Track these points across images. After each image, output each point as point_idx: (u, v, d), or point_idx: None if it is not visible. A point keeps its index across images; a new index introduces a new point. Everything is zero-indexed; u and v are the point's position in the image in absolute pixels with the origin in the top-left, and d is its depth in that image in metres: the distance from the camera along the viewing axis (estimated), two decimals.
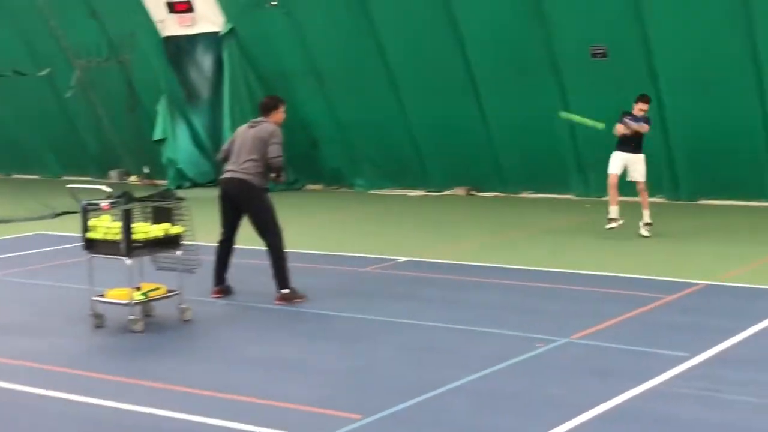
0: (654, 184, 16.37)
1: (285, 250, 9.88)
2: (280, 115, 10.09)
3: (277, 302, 9.73)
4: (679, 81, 15.51)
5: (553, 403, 6.69)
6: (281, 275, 9.81)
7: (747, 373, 7.23)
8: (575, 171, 17.07)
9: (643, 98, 13.25)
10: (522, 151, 17.42)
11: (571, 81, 16.34)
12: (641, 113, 13.14)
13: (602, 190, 16.85)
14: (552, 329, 8.48)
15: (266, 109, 10.12)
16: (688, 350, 7.72)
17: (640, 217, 13.33)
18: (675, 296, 9.70)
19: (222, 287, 10.12)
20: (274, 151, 9.82)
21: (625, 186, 13.49)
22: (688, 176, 16.27)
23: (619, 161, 13.28)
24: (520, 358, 7.70)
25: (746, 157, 15.62)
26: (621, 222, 13.20)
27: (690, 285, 10.17)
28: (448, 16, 16.77)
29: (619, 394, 6.75)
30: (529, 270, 11.17)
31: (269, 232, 9.85)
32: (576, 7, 15.64)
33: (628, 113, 13.19)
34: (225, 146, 10.18)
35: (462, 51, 17.04)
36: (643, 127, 13.12)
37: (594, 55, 15.86)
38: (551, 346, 8.02)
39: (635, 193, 13.57)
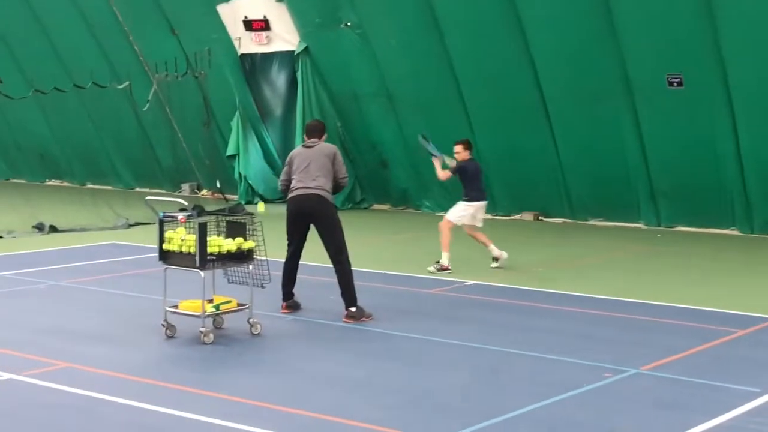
0: (727, 216, 16.21)
1: (352, 269, 9.96)
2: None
3: (346, 320, 9.80)
4: (756, 112, 15.29)
5: None
6: (350, 293, 9.88)
7: None
8: (647, 199, 16.90)
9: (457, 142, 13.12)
10: (592, 178, 17.30)
11: (645, 108, 16.21)
12: (459, 157, 12.96)
13: (674, 219, 16.73)
14: (621, 359, 8.40)
15: (319, 131, 10.32)
16: (760, 386, 7.60)
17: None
18: (747, 330, 9.55)
19: (290, 303, 10.22)
20: (344, 171, 10.02)
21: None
22: (762, 207, 15.99)
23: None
24: (588, 387, 7.65)
25: None
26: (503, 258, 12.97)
27: (763, 320, 10.00)
28: (522, 40, 16.75)
29: (689, 429, 6.66)
30: (597, 298, 11.09)
31: (341, 249, 9.94)
32: (652, 34, 15.53)
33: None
34: (284, 175, 10.29)
35: (534, 75, 17.00)
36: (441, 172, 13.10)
37: (670, 83, 15.72)
38: (620, 376, 7.95)
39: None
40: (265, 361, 8.52)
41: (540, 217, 18.16)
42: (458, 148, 13.09)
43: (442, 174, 13.17)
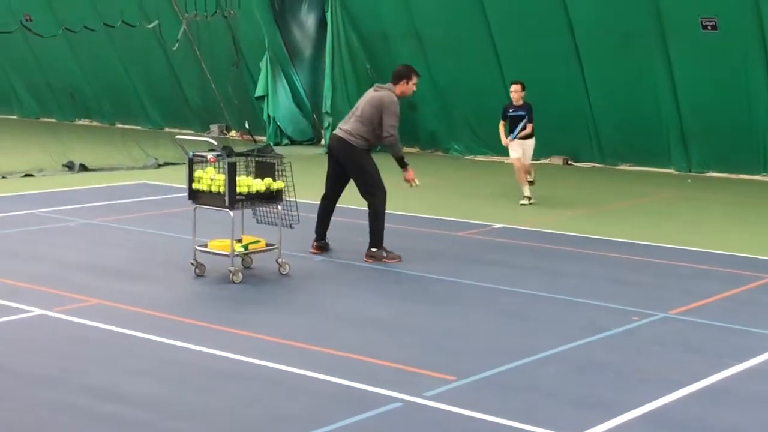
0: (758, 161, 16.03)
1: (384, 212, 9.94)
2: (407, 87, 10.06)
3: (366, 259, 9.83)
4: None
5: (648, 377, 6.64)
6: (373, 234, 9.89)
7: None
8: (678, 144, 16.73)
9: (514, 82, 13.68)
10: (623, 122, 17.13)
11: (678, 52, 15.98)
12: (518, 96, 13.50)
13: (705, 164, 16.58)
14: (649, 303, 8.39)
15: (395, 77, 10.11)
16: None
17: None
18: None
19: (321, 243, 10.24)
20: (387, 126, 9.75)
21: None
22: None
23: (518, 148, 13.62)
24: (616, 330, 7.65)
25: None
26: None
27: None
28: None
29: (717, 372, 6.67)
30: (627, 243, 11.04)
31: (368, 192, 9.94)
32: None
33: (510, 105, 13.63)
34: None
35: (567, 18, 16.79)
36: (526, 130, 13.50)
37: (704, 26, 15.48)
38: (648, 320, 7.94)
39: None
40: (293, 301, 8.57)
41: (569, 162, 18.04)
42: (515, 87, 13.59)
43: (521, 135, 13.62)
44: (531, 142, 13.66)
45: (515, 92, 13.51)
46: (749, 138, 15.90)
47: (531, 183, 13.68)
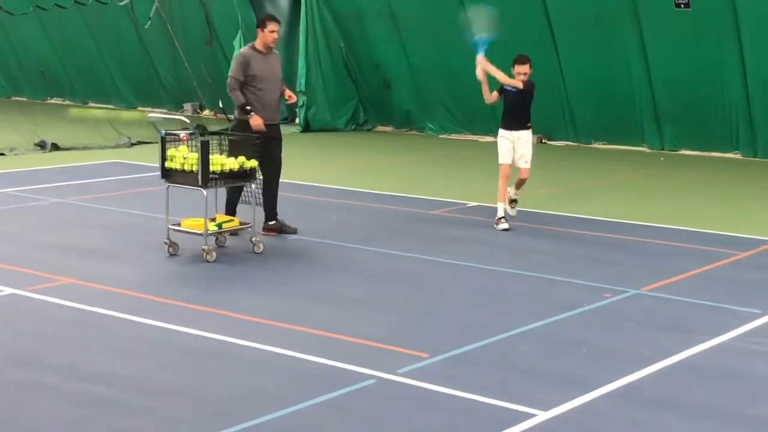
0: (731, 139, 16.14)
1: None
2: (264, 35, 10.06)
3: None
4: (763, 35, 15.11)
5: (620, 353, 6.69)
6: (267, 207, 9.89)
7: None
8: (651, 123, 16.81)
9: (521, 59, 10.78)
10: (596, 101, 17.17)
11: (651, 31, 16.02)
12: (523, 77, 10.68)
13: (677, 142, 16.66)
14: (621, 280, 8.44)
15: (256, 28, 10.12)
16: (761, 307, 7.65)
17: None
18: (749, 253, 9.57)
19: (268, 225, 10.00)
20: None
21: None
22: (766, 131, 15.90)
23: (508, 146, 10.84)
24: (588, 307, 7.69)
25: None
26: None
27: (764, 242, 10.01)
28: None
29: (688, 348, 6.72)
30: (599, 220, 11.10)
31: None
32: None
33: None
34: None
35: None
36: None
37: (677, 5, 15.52)
38: (620, 297, 7.99)
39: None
40: (267, 280, 8.55)
41: (543, 140, 18.05)
42: (524, 68, 10.76)
43: (490, 96, 11.04)
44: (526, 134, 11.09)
45: (519, 73, 10.81)
46: (722, 116, 15.99)
47: (513, 201, 10.76)
